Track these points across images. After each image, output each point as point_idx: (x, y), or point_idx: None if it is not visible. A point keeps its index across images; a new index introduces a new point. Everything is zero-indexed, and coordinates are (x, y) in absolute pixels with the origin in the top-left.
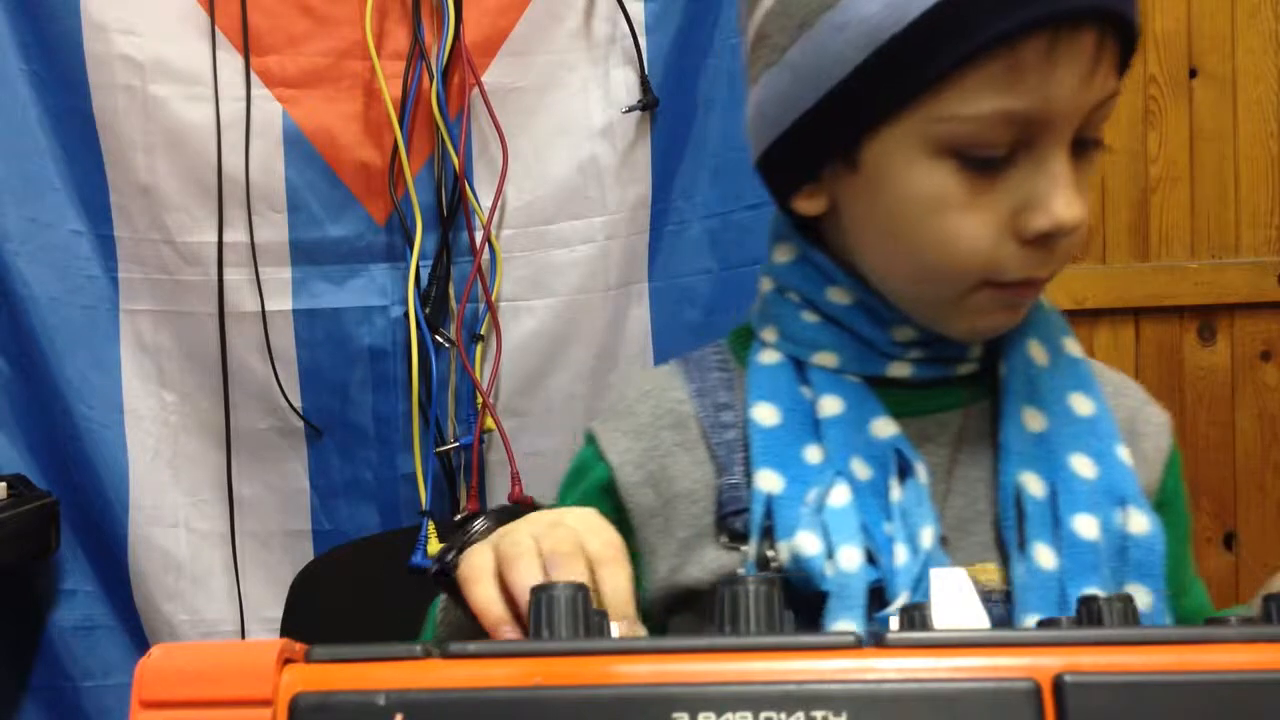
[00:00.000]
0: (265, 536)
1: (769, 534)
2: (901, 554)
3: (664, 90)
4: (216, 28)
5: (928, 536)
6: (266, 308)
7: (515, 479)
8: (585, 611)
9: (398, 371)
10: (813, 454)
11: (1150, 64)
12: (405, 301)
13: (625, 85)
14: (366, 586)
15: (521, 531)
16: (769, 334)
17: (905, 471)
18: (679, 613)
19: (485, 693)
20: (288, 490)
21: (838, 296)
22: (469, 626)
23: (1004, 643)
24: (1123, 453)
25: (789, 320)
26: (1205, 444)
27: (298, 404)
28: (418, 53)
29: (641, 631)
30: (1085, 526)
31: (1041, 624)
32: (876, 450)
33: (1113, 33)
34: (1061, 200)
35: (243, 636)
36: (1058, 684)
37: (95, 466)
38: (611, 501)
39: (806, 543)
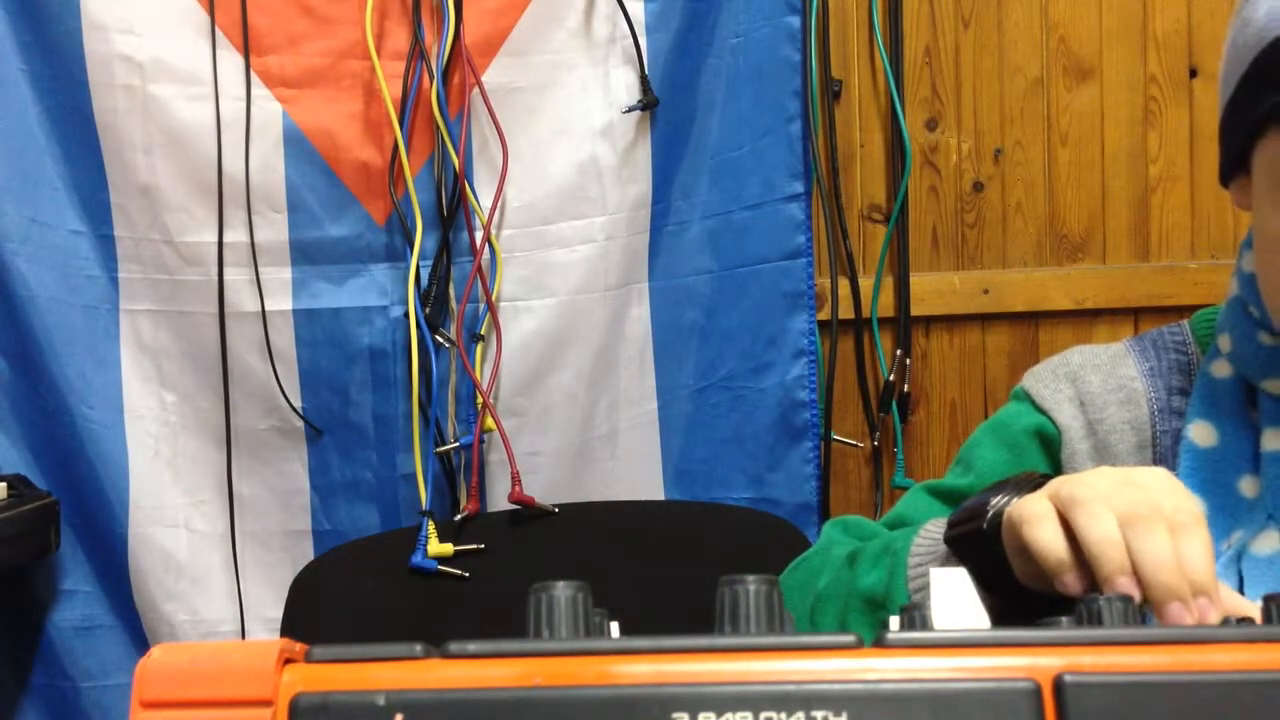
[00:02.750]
0: (265, 536)
1: None
2: None
3: (664, 90)
4: (216, 27)
5: None
6: (266, 308)
7: (515, 479)
8: (585, 611)
9: (398, 371)
10: (1247, 486)
11: (1150, 64)
12: (405, 301)
13: (625, 85)
14: (366, 586)
15: (1087, 483)
16: (1224, 342)
17: None
18: None
19: (485, 693)
20: (288, 490)
21: None
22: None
23: (1004, 643)
24: None
25: (1244, 337)
26: None
27: (298, 404)
28: (418, 53)
29: (1215, 611)
30: None
31: (1041, 624)
32: None
33: None
34: None
35: (243, 636)
36: (1058, 684)
37: (95, 466)
38: (1050, 460)
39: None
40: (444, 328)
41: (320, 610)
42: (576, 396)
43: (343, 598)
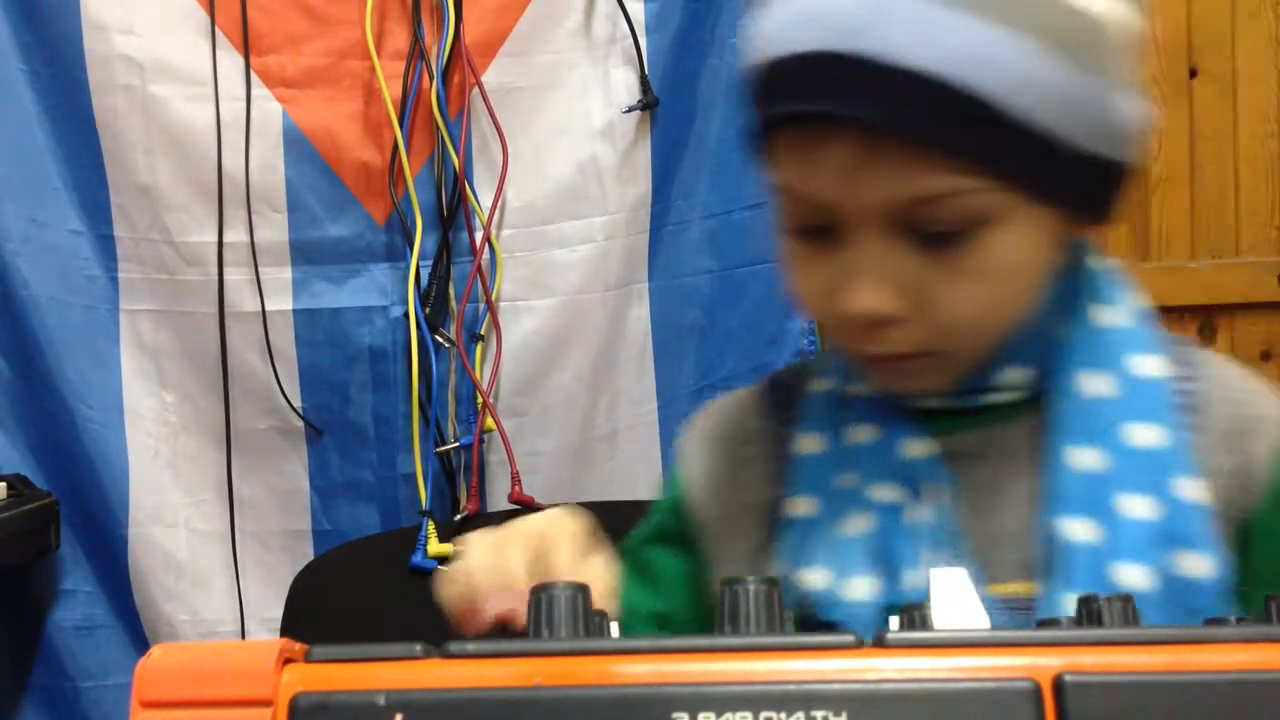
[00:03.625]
0: (265, 536)
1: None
2: (915, 575)
3: (664, 90)
4: (216, 27)
5: (943, 556)
6: (266, 308)
7: (515, 479)
8: (585, 611)
9: (398, 371)
10: (845, 481)
11: (1150, 64)
12: (405, 301)
13: (625, 85)
14: (366, 586)
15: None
16: (822, 360)
17: (934, 492)
18: None
19: (485, 693)
20: (288, 490)
21: None
22: None
23: (1004, 643)
24: (1188, 488)
25: (835, 349)
26: None
27: (298, 404)
28: (418, 53)
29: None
30: (1130, 576)
31: (1041, 624)
32: (907, 472)
33: (900, 135)
34: (846, 289)
35: (243, 636)
36: (1058, 684)
37: (95, 466)
38: (681, 514)
39: (814, 577)
40: (444, 328)
41: (320, 610)
42: (576, 396)
43: (343, 598)
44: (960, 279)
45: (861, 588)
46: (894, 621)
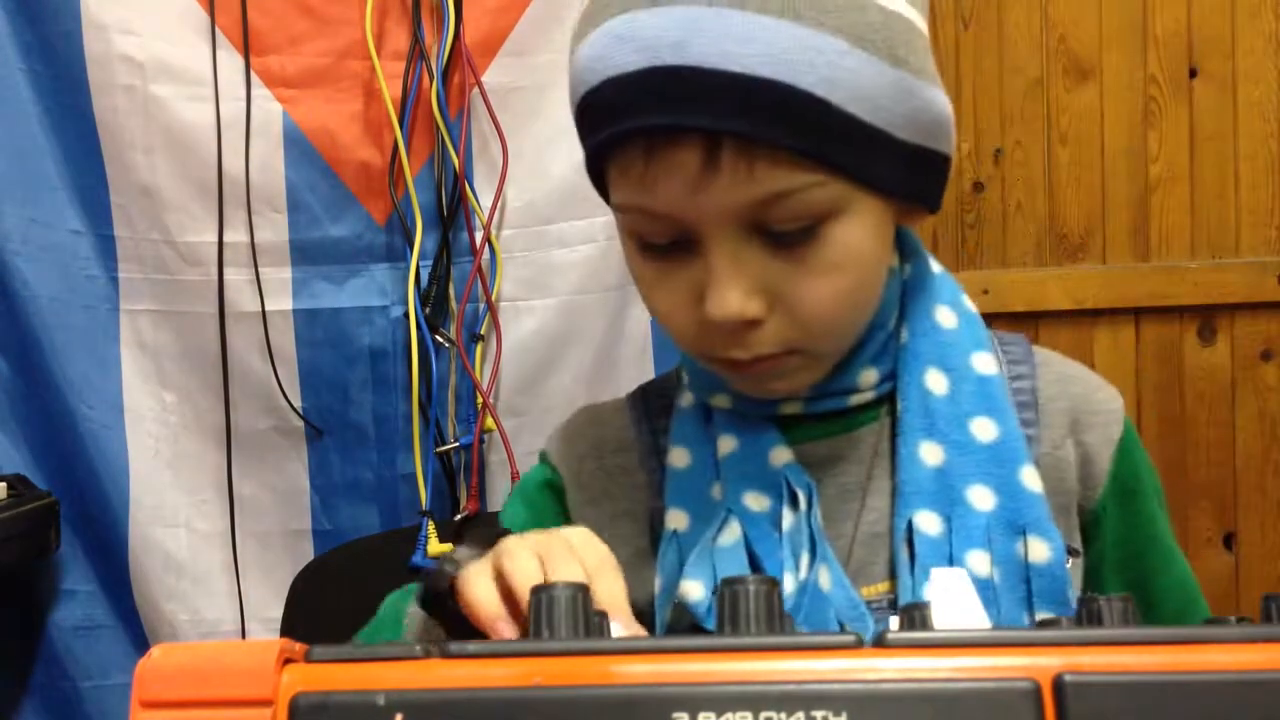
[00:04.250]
0: (265, 536)
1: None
2: (790, 582)
3: None
4: (216, 28)
5: (805, 563)
6: (266, 308)
7: (515, 479)
8: (585, 611)
9: (398, 371)
10: (716, 492)
11: (1150, 64)
12: (405, 301)
13: None
14: (366, 586)
15: (515, 539)
16: (685, 375)
17: (797, 497)
18: None
19: (485, 693)
20: (288, 490)
21: None
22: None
23: (1004, 643)
24: (1027, 476)
25: (690, 364)
26: (1205, 444)
27: (298, 404)
28: (418, 53)
29: (641, 632)
30: (978, 563)
31: (1041, 624)
32: (773, 479)
33: (743, 138)
34: (710, 295)
35: (243, 636)
36: (1058, 684)
37: (95, 466)
38: (558, 504)
39: (690, 589)
40: (444, 328)
41: (320, 610)
42: (576, 396)
43: (343, 598)
44: (813, 274)
45: None
46: (894, 621)
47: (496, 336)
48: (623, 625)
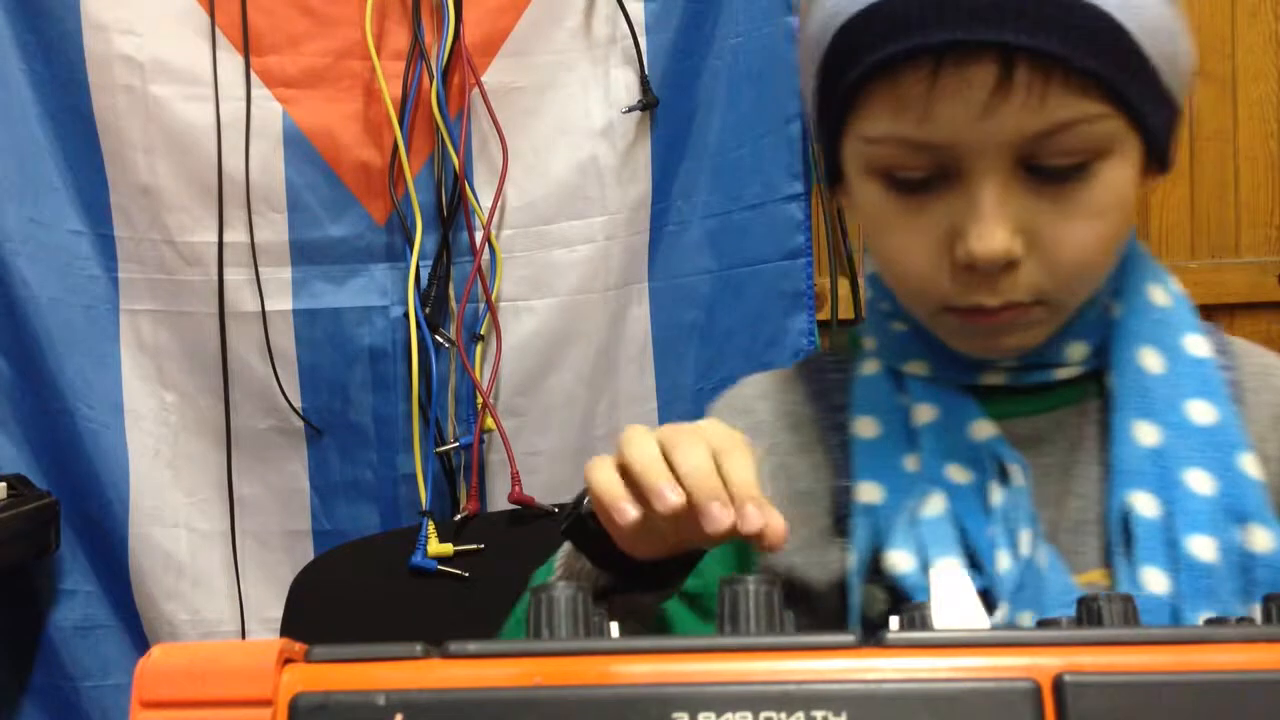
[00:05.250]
0: (265, 536)
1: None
2: (1004, 559)
3: (664, 90)
4: (216, 28)
5: (1025, 541)
6: (266, 308)
7: (515, 479)
8: (585, 611)
9: (398, 371)
10: (911, 463)
11: None
12: (405, 301)
13: (625, 85)
14: (366, 586)
15: (638, 427)
16: (869, 342)
17: (1007, 474)
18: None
19: (485, 693)
20: (288, 490)
21: None
22: (593, 574)
23: (1004, 643)
24: (1247, 463)
25: (882, 330)
26: None
27: (298, 404)
28: (418, 53)
29: (774, 513)
30: (1202, 548)
31: (1041, 624)
32: (976, 454)
33: (1040, 59)
34: (974, 231)
35: (243, 636)
36: (1058, 684)
37: (95, 466)
38: None
39: (899, 560)
40: (444, 328)
41: (320, 610)
42: (576, 396)
43: (343, 598)
44: (1077, 216)
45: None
46: (894, 621)
47: (496, 336)
48: (755, 509)
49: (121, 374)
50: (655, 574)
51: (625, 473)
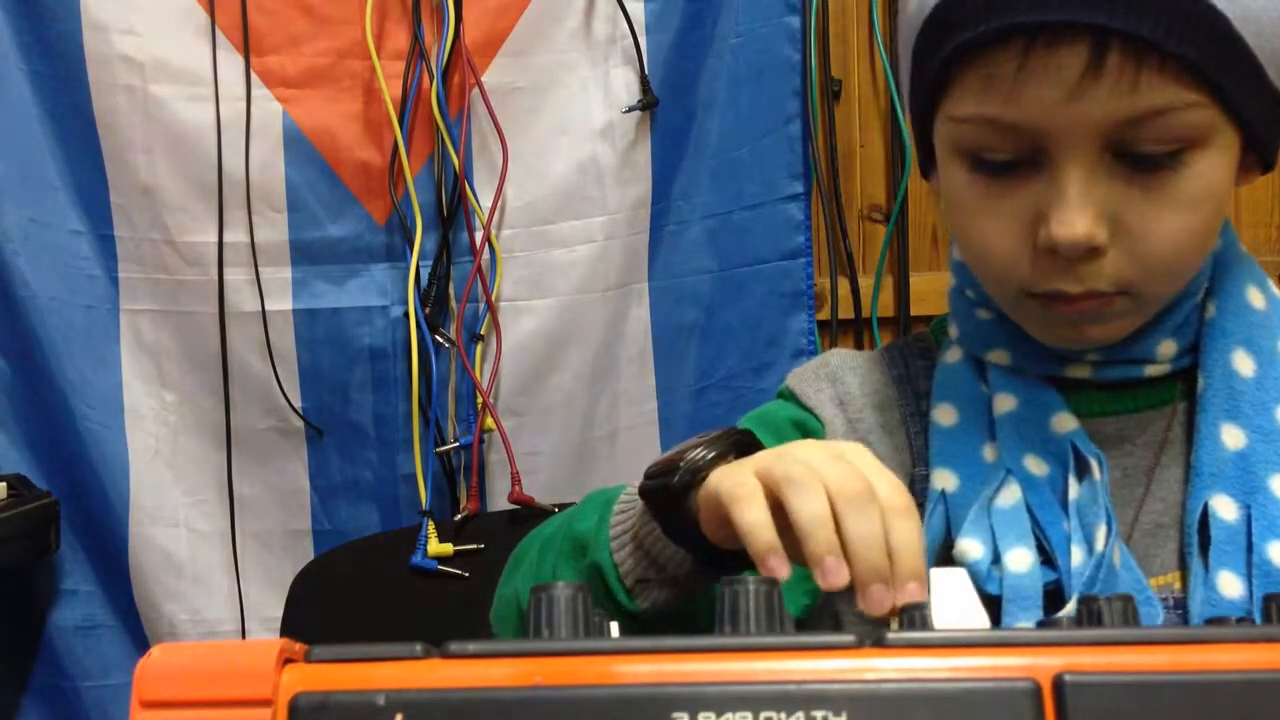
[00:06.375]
0: (265, 536)
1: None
2: (1078, 554)
3: (664, 90)
4: (216, 28)
5: (1101, 537)
6: (266, 308)
7: (515, 479)
8: (585, 611)
9: (398, 371)
10: (989, 453)
11: None
12: (405, 301)
13: (625, 85)
14: (366, 586)
15: (799, 459)
16: (952, 330)
17: (1086, 469)
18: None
19: (485, 693)
20: (288, 490)
21: None
22: (667, 555)
23: (1004, 643)
24: None
25: (965, 317)
26: None
27: (298, 404)
28: (418, 53)
29: (924, 597)
30: None
31: (1041, 624)
32: (1055, 447)
33: (1133, 44)
34: (1057, 216)
35: (243, 636)
36: (1058, 684)
37: (95, 466)
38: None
39: (970, 548)
40: (444, 328)
41: (320, 610)
42: (576, 396)
43: (343, 598)
44: (1166, 207)
45: (1022, 560)
46: (894, 621)
47: (496, 336)
48: (917, 587)
49: (121, 374)
50: (735, 562)
51: (778, 511)
